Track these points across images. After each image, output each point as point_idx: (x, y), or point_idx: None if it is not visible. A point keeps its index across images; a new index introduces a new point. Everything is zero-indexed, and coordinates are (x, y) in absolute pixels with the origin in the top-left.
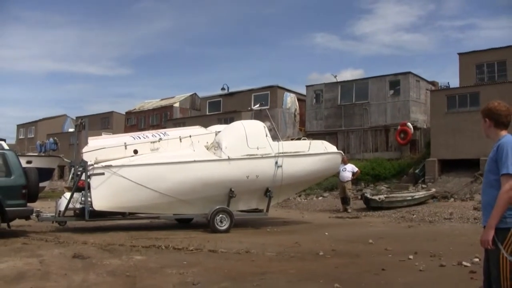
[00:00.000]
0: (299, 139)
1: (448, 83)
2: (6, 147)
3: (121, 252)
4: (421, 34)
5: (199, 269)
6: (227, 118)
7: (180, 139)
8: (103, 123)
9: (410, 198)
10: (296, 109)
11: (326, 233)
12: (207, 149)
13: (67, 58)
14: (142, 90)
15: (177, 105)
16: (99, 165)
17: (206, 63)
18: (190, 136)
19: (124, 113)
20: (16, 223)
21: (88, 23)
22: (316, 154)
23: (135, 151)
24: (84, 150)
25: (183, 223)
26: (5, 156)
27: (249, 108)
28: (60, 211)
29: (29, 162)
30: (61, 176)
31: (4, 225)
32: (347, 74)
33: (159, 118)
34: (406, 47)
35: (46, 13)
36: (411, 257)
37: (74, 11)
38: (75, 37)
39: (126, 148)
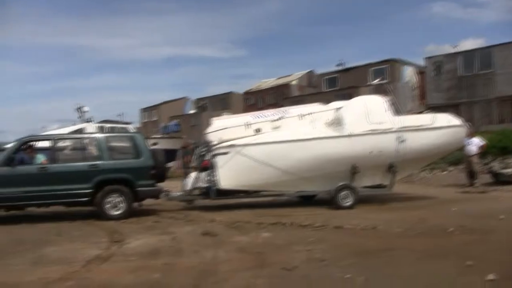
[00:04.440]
0: (421, 112)
1: None
2: (132, 130)
3: (248, 230)
4: None
5: (325, 245)
6: (345, 94)
7: (301, 117)
8: (223, 103)
9: None
10: (415, 82)
11: (454, 209)
12: (328, 126)
13: (183, 42)
14: (258, 70)
15: (294, 83)
16: (223, 144)
17: (319, 41)
18: (310, 114)
19: (243, 93)
20: (147, 202)
21: (200, 8)
22: (439, 128)
23: (257, 130)
24: (208, 130)
25: (307, 200)
26: (134, 139)
27: (368, 83)
28: (187, 190)
29: (154, 144)
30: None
31: (136, 204)
32: (467, 44)
33: (277, 96)
34: None
35: (161, 1)
36: None
37: None
38: (189, 22)
39: (248, 127)
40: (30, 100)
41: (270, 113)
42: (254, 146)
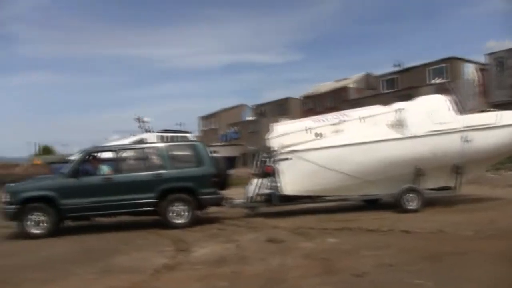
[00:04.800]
0: (483, 111)
1: None
2: (192, 138)
3: (313, 235)
4: None
5: (394, 250)
6: (404, 95)
7: (361, 119)
8: (281, 109)
9: None
10: (477, 79)
11: None
12: (390, 127)
13: (240, 49)
14: (315, 73)
15: (351, 85)
16: (285, 150)
17: (375, 41)
18: (371, 116)
19: (300, 98)
20: (210, 210)
21: (258, 14)
22: (505, 126)
23: (318, 134)
24: (268, 136)
25: (371, 204)
26: (195, 147)
27: (429, 83)
28: (249, 197)
29: (214, 152)
30: (244, 164)
31: (200, 212)
32: None
33: (335, 100)
34: None
35: (216, 9)
36: None
37: (244, 4)
38: (246, 29)
39: (309, 132)
40: (92, 111)
41: (330, 117)
42: (316, 150)
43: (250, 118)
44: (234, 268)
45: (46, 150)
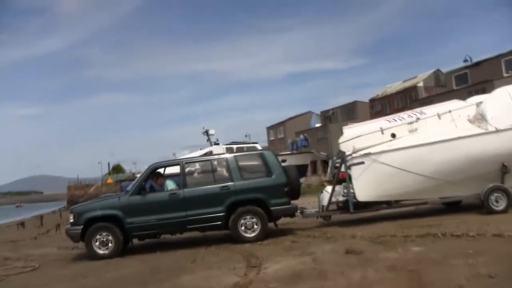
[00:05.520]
0: None
1: None
2: (260, 149)
3: (395, 244)
4: None
5: (488, 257)
6: (477, 90)
7: (439, 116)
8: (348, 113)
9: None
10: None
11: None
12: (470, 122)
13: (303, 57)
14: (380, 76)
15: (420, 84)
16: (358, 154)
17: (441, 38)
18: (449, 112)
19: (368, 101)
20: (282, 221)
21: (319, 20)
22: None
23: (393, 135)
24: (340, 140)
25: (451, 207)
26: (264, 156)
27: (504, 75)
28: (323, 205)
29: (283, 161)
30: (314, 171)
31: (271, 224)
32: None
33: (404, 100)
34: None
35: (277, 19)
36: None
37: (304, 12)
38: (307, 37)
39: (382, 133)
40: (163, 128)
41: (406, 115)
42: (392, 152)
43: (318, 125)
44: (312, 284)
45: (116, 169)
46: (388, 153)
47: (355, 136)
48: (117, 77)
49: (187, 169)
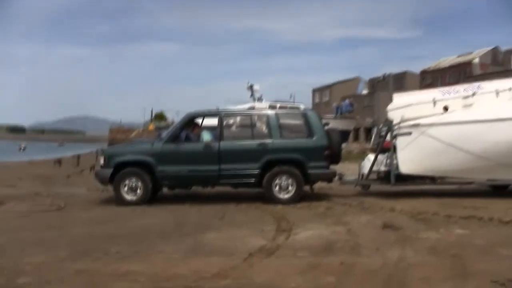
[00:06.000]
0: None
1: None
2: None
3: (437, 223)
4: None
5: None
6: None
7: (497, 93)
8: (397, 83)
9: None
10: None
11: None
12: None
13: (356, 24)
14: (434, 50)
15: (476, 60)
16: (406, 124)
17: (502, 15)
18: (509, 89)
19: (419, 73)
20: (318, 186)
21: None
22: None
23: (445, 108)
24: (388, 108)
25: (497, 190)
26: (307, 116)
27: None
28: (363, 173)
29: (326, 124)
30: (356, 138)
31: (307, 188)
32: None
33: (457, 75)
34: None
35: None
36: None
37: None
38: (362, 3)
39: (435, 105)
40: (209, 82)
41: (462, 89)
42: (443, 126)
43: (365, 91)
44: (344, 258)
45: (159, 117)
46: (438, 127)
47: (405, 105)
48: (167, 27)
49: (225, 122)
